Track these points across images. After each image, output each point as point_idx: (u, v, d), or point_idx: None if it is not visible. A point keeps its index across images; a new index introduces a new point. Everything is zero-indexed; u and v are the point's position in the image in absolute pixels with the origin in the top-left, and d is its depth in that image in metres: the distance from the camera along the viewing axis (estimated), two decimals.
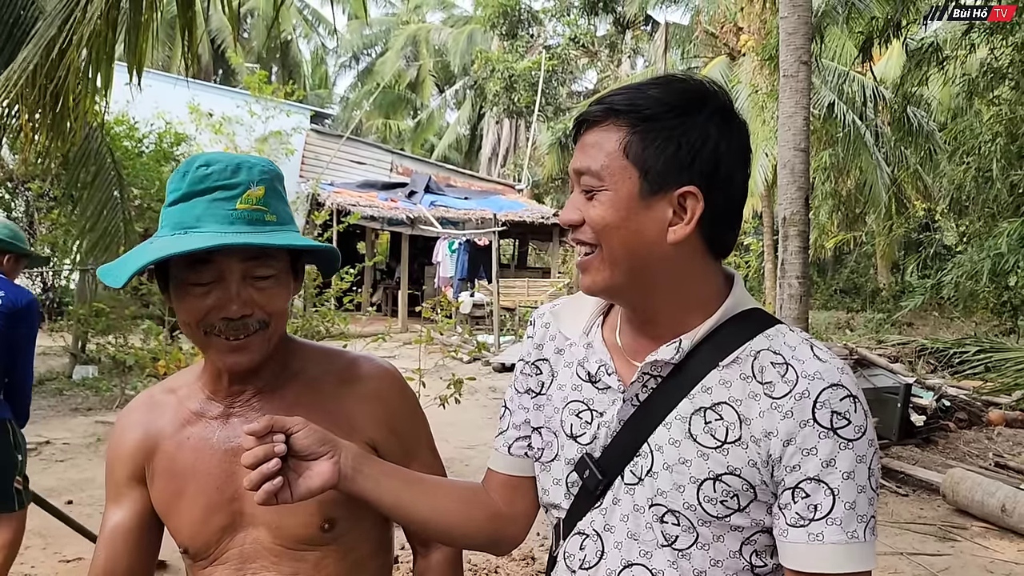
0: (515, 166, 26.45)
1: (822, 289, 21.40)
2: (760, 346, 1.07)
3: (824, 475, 0.99)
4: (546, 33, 27.83)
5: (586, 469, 1.12)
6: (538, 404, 1.24)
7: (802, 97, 5.94)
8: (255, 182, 1.17)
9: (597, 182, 1.05)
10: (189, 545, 1.26)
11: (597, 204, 1.06)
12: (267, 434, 1.08)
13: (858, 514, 0.99)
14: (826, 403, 1.00)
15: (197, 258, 1.14)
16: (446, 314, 7.35)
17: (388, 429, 1.29)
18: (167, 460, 1.27)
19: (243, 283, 1.17)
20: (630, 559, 1.08)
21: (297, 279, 1.27)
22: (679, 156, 1.03)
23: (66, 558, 4.34)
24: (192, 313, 1.18)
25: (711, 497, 1.03)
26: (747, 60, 16.18)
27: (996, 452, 7.05)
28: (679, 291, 1.10)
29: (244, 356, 1.19)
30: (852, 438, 1.00)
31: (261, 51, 31.09)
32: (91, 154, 6.48)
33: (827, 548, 0.99)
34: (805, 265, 6.03)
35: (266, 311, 1.19)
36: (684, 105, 1.05)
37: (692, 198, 1.04)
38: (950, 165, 12.77)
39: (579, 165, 1.08)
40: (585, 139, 1.08)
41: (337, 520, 1.23)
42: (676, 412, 1.07)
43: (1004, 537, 5.09)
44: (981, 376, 10.07)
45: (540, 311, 1.30)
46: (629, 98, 1.06)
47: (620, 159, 1.04)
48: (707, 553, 1.04)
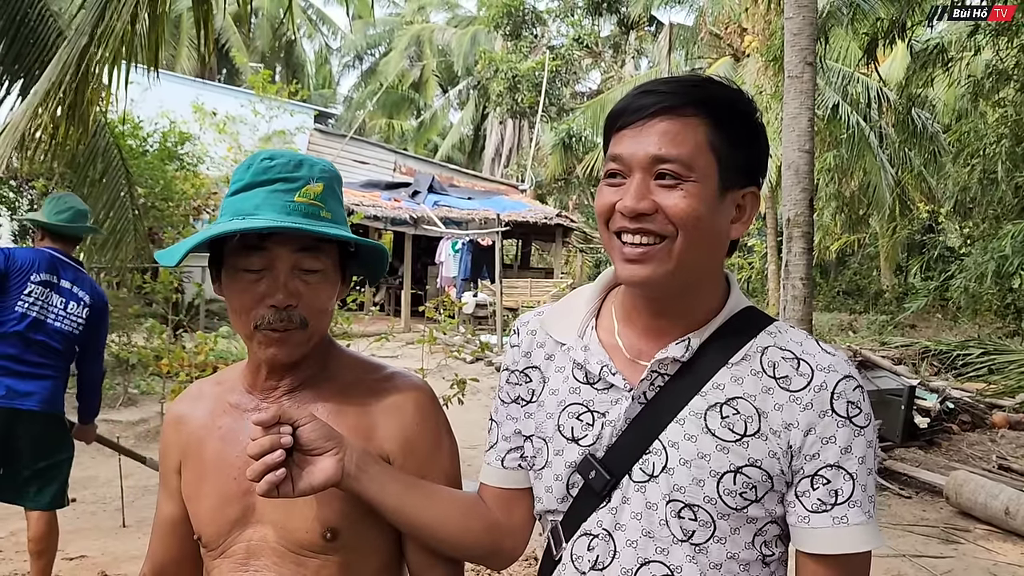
0: (518, 166, 26.45)
1: (825, 291, 21.36)
2: (765, 343, 1.11)
3: (843, 461, 1.05)
4: (550, 33, 27.85)
5: (591, 470, 1.12)
6: (528, 412, 1.23)
7: (806, 98, 5.93)
8: (315, 179, 1.21)
9: (686, 171, 1.04)
10: (203, 533, 1.28)
11: (685, 194, 1.03)
12: (275, 425, 1.09)
13: (869, 495, 1.06)
14: (842, 394, 1.06)
15: (250, 244, 1.18)
16: (449, 314, 7.35)
17: (405, 445, 1.26)
18: (197, 447, 1.31)
19: (291, 274, 1.20)
20: (646, 556, 1.08)
21: (344, 283, 1.29)
22: (750, 156, 1.09)
23: (69, 556, 4.35)
24: (242, 300, 1.20)
25: (731, 490, 1.05)
26: (751, 61, 16.17)
27: (1000, 454, 7.03)
28: (705, 287, 1.13)
29: (282, 350, 1.21)
30: (864, 425, 1.06)
31: (265, 51, 31.13)
32: (99, 152, 6.49)
33: (851, 530, 1.04)
34: (809, 266, 6.01)
35: (309, 306, 1.21)
36: (751, 108, 1.10)
37: (752, 197, 1.10)
38: (954, 167, 12.76)
39: (662, 151, 1.03)
40: (658, 126, 1.04)
41: (340, 531, 1.22)
42: (689, 408, 1.08)
43: (1008, 540, 5.07)
44: (985, 378, 10.05)
45: (523, 319, 1.29)
46: (705, 92, 1.07)
47: (706, 151, 1.05)
48: (724, 546, 1.06)
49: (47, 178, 10.01)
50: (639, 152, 1.05)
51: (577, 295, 1.26)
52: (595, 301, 1.23)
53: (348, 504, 1.20)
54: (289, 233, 1.17)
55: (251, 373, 1.31)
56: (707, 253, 1.08)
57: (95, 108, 3.87)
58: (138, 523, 4.85)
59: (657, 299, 1.13)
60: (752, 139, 1.09)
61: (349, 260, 1.30)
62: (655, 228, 1.04)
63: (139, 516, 4.94)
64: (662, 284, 1.07)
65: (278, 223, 1.15)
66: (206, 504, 1.27)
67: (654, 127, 1.05)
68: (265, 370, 1.28)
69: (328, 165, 1.26)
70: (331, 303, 1.26)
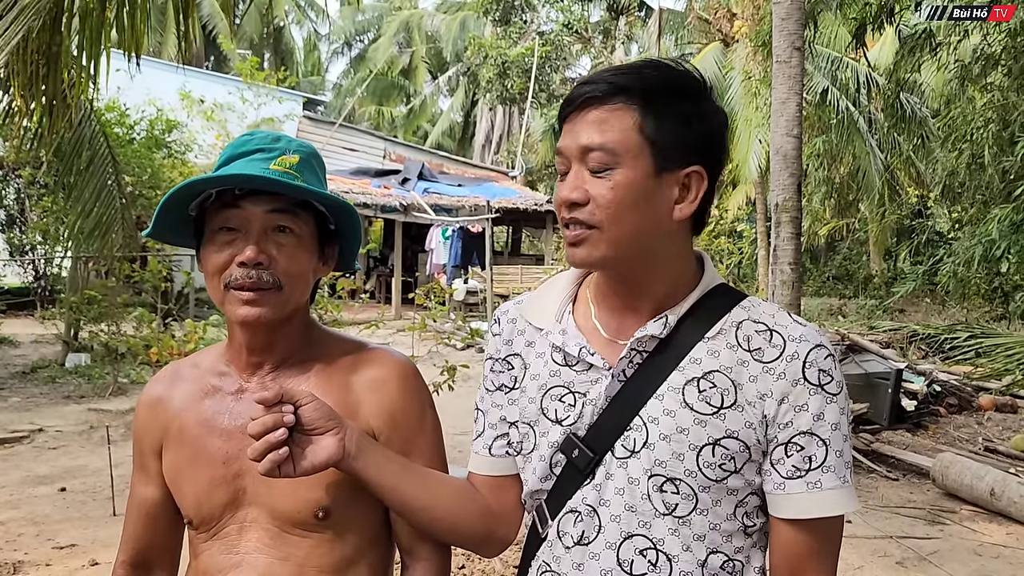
0: (508, 153, 26.40)
1: (815, 276, 21.46)
2: (739, 317, 1.13)
3: (815, 428, 1.08)
4: (539, 19, 27.67)
5: (574, 448, 1.13)
6: (512, 399, 1.24)
7: (795, 83, 5.94)
8: (291, 151, 1.25)
9: (612, 159, 1.06)
10: (193, 516, 1.28)
11: (612, 182, 1.06)
12: (276, 404, 1.10)
13: (844, 460, 1.09)
14: (814, 362, 1.09)
15: (225, 203, 1.21)
16: (439, 301, 7.35)
17: (389, 419, 1.28)
18: (180, 430, 1.30)
19: (264, 235, 1.22)
20: (629, 531, 1.10)
21: (324, 262, 1.30)
22: (689, 136, 1.08)
23: (59, 545, 4.35)
24: (215, 261, 1.22)
25: (710, 462, 1.08)
26: (741, 46, 16.15)
27: (986, 437, 7.10)
28: (669, 267, 1.14)
29: (255, 309, 1.21)
30: (835, 392, 1.09)
31: (253, 37, 30.89)
32: (85, 140, 6.45)
33: (825, 494, 1.07)
34: (798, 252, 6.04)
35: (284, 270, 1.22)
36: (691, 87, 1.11)
37: (697, 177, 1.10)
38: (943, 152, 12.79)
39: (588, 142, 1.07)
40: (588, 116, 1.08)
41: (332, 510, 1.23)
42: (668, 384, 1.10)
43: (993, 520, 5.13)
44: (972, 362, 10.13)
45: (503, 308, 1.31)
46: (635, 78, 1.08)
47: (636, 136, 1.06)
48: (706, 518, 1.09)
49: (34, 167, 9.95)
50: (572, 144, 1.09)
51: (554, 282, 1.28)
52: (571, 287, 1.25)
53: (338, 483, 1.22)
54: (262, 190, 1.20)
55: (233, 353, 1.31)
56: (648, 236, 1.09)
57: (77, 97, 3.82)
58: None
59: (620, 281, 1.16)
60: (690, 118, 1.08)
61: (328, 237, 1.31)
62: (582, 218, 1.08)
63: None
64: (603, 266, 1.12)
65: (247, 172, 1.18)
66: (193, 489, 1.27)
67: (585, 118, 1.09)
68: (244, 340, 1.27)
69: (308, 144, 1.29)
70: (307, 270, 1.26)
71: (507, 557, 3.99)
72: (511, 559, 4.04)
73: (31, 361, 10.29)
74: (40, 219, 11.30)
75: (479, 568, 3.96)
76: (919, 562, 4.45)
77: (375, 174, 19.11)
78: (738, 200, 19.22)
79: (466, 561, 4.02)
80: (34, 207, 11.45)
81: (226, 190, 1.21)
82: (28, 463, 5.90)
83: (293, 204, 1.23)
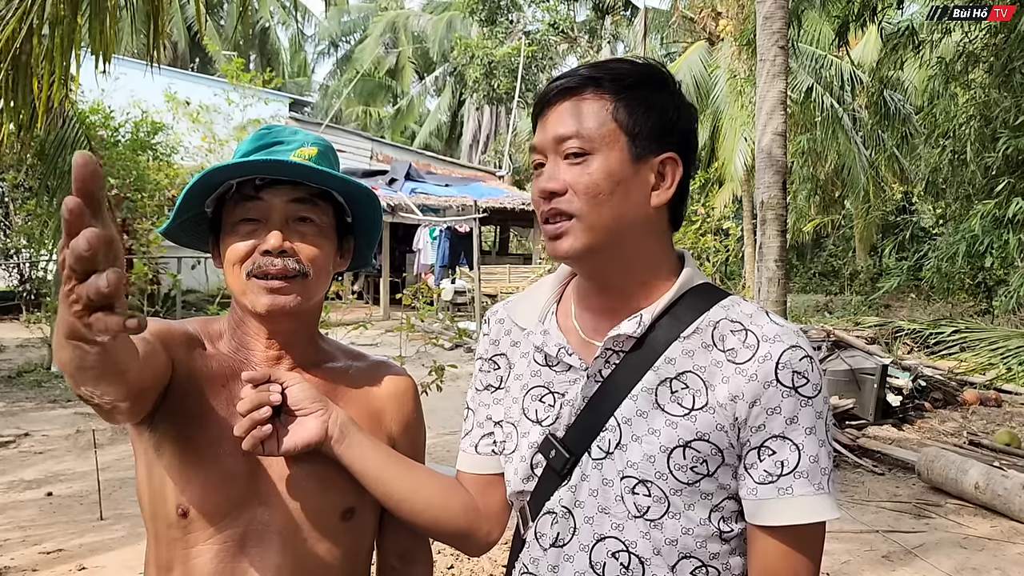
0: (496, 153, 26.39)
1: (801, 272, 21.58)
2: (717, 316, 1.11)
3: (788, 432, 1.04)
4: (525, 19, 27.70)
5: (551, 449, 1.13)
6: (497, 399, 1.26)
7: (779, 82, 5.98)
8: (310, 143, 1.25)
9: (588, 144, 1.07)
10: (193, 506, 1.15)
11: (589, 169, 1.06)
12: (264, 384, 1.12)
13: (820, 467, 1.04)
14: (787, 364, 1.04)
15: (246, 195, 1.19)
16: (427, 301, 7.34)
17: (405, 429, 1.34)
18: (204, 400, 1.20)
19: (287, 225, 1.20)
20: (602, 533, 1.09)
21: (342, 255, 1.30)
22: (661, 124, 1.10)
23: (46, 550, 4.32)
24: (236, 250, 1.19)
25: (681, 464, 1.05)
26: (726, 45, 16.22)
27: (970, 431, 7.17)
28: (646, 262, 1.14)
29: (281, 297, 1.17)
30: (811, 395, 1.04)
31: (239, 38, 30.75)
32: (68, 143, 6.42)
33: (797, 501, 1.03)
34: (783, 248, 6.08)
35: (307, 257, 1.20)
36: (658, 79, 1.12)
37: (672, 163, 1.11)
38: (926, 148, 12.91)
39: (563, 131, 1.08)
40: (560, 108, 1.09)
41: (356, 510, 1.22)
42: (642, 384, 1.09)
43: (978, 514, 5.18)
44: (956, 356, 10.22)
45: (493, 309, 1.33)
46: (605, 70, 1.10)
47: (610, 123, 1.07)
48: (678, 522, 1.06)
49: (16, 170, 9.88)
50: (546, 137, 1.10)
51: (542, 283, 1.29)
52: (557, 288, 1.26)
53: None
54: (282, 181, 1.19)
55: (253, 346, 1.25)
56: (628, 224, 1.09)
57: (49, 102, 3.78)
58: (116, 516, 4.83)
59: (598, 277, 1.15)
60: (661, 107, 1.10)
61: (345, 231, 1.30)
62: (561, 207, 1.08)
63: (116, 509, 4.92)
64: (583, 258, 1.10)
65: (268, 158, 1.17)
66: (202, 476, 1.16)
67: (557, 111, 1.10)
68: (264, 333, 1.23)
69: (324, 139, 1.30)
70: (329, 261, 1.24)
71: (496, 557, 4.00)
72: (500, 559, 4.05)
73: (16, 365, 10.22)
74: (25, 222, 11.22)
75: (468, 568, 3.97)
76: (905, 555, 4.48)
77: (362, 175, 19.04)
78: (724, 198, 19.30)
79: (455, 561, 4.02)
80: (19, 210, 11.36)
81: (246, 182, 1.19)
82: (14, 468, 5.87)
83: (313, 195, 1.22)
